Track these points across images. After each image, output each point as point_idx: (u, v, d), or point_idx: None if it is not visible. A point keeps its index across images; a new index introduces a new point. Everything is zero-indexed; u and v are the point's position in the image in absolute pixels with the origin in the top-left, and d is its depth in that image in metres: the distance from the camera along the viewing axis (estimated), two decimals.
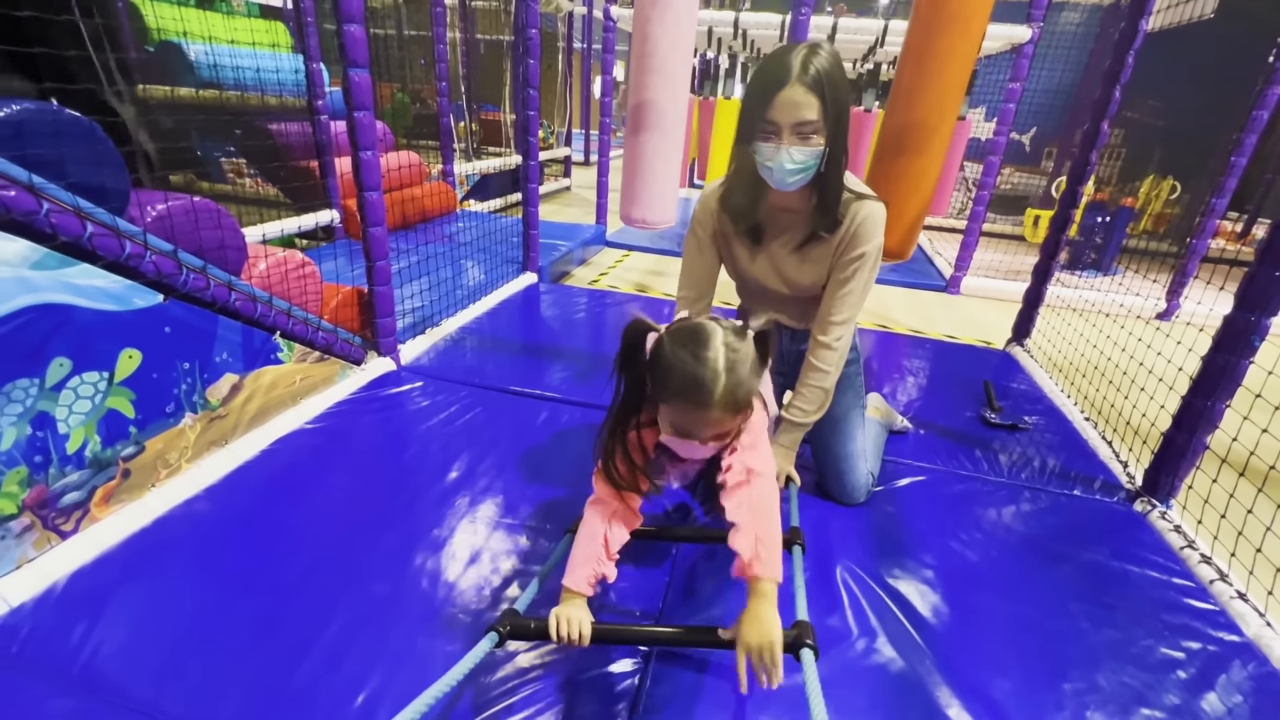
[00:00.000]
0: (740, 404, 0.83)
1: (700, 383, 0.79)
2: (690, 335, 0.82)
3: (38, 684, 0.91)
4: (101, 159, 1.18)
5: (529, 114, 2.64)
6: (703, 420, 0.84)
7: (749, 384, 0.83)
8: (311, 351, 1.67)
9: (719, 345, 0.81)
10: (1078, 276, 4.13)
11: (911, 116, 2.05)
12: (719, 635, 0.87)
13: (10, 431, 1.01)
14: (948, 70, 2.00)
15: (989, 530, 1.40)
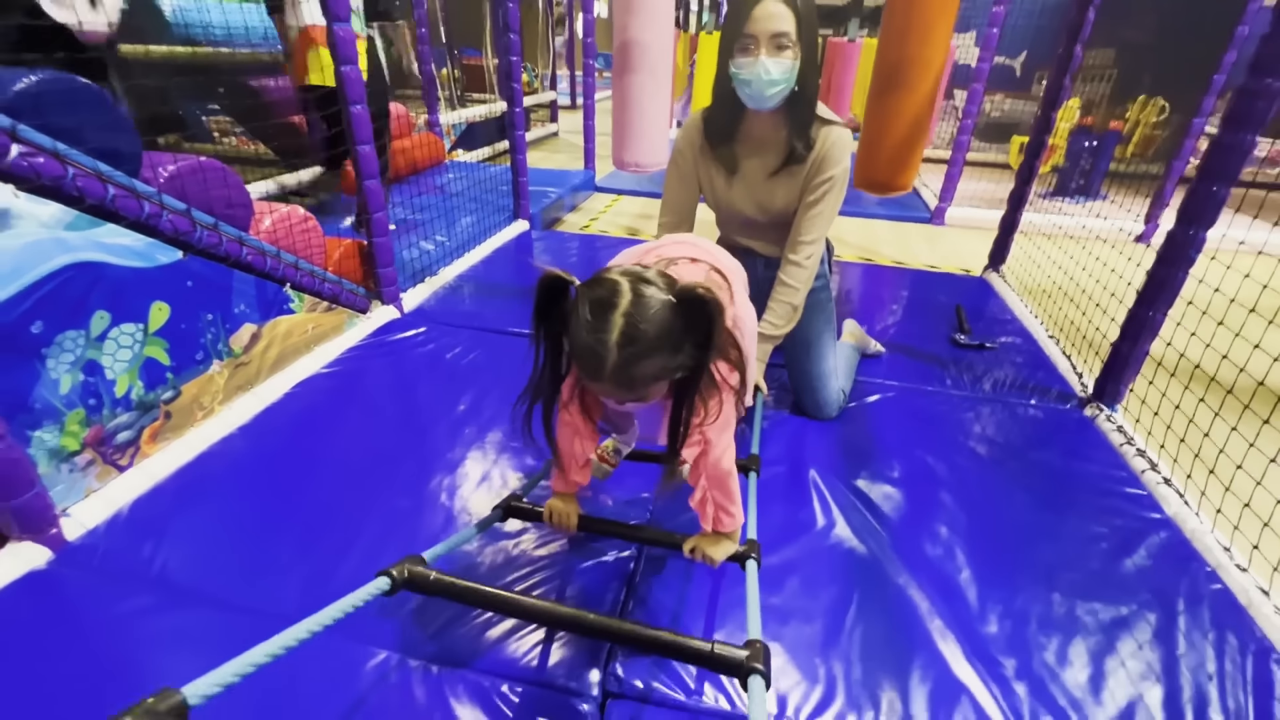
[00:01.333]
0: (636, 381, 0.71)
1: (591, 354, 0.70)
2: (597, 297, 0.70)
3: (119, 587, 1.06)
4: (114, 125, 1.26)
5: (511, 59, 2.65)
6: (598, 390, 0.79)
7: (655, 360, 0.70)
8: (321, 301, 1.78)
9: (618, 316, 0.68)
10: (1064, 202, 4.18)
11: (904, 52, 2.07)
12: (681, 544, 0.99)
13: (66, 377, 1.14)
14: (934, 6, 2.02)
15: (949, 437, 1.55)
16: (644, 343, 0.69)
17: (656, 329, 0.69)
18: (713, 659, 0.72)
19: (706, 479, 0.92)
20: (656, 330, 0.69)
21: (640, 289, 0.70)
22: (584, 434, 0.98)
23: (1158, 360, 1.57)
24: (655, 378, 0.73)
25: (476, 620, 1.00)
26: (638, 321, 0.68)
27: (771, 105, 1.24)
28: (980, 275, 2.66)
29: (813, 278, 1.37)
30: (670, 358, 0.72)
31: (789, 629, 1.02)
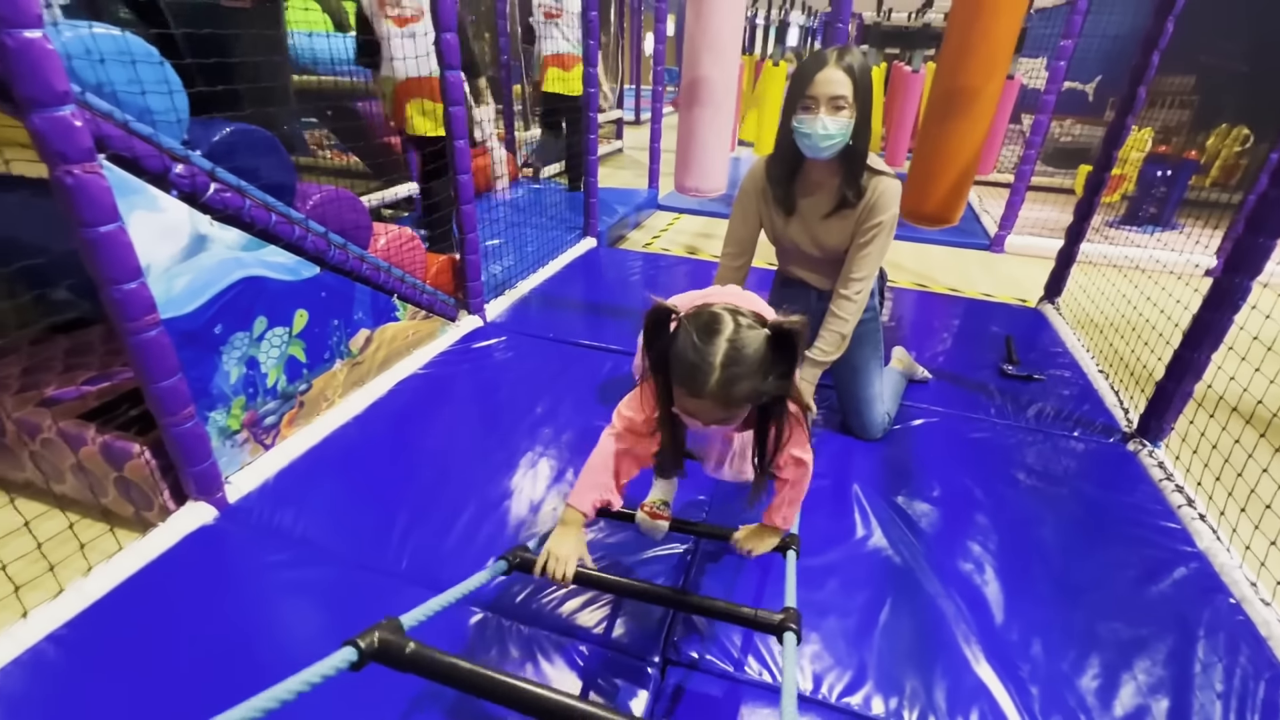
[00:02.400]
0: (733, 399, 0.80)
1: (697, 371, 0.79)
2: (703, 324, 0.80)
3: (266, 543, 1.31)
4: (281, 165, 1.53)
5: (590, 91, 2.88)
6: (694, 406, 0.84)
7: (749, 382, 0.79)
8: (420, 310, 2.02)
9: (723, 340, 0.78)
10: (1133, 232, 4.10)
11: (958, 82, 2.16)
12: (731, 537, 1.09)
13: (235, 370, 1.40)
14: (993, 36, 2.10)
15: (990, 463, 1.65)
16: (744, 364, 0.78)
17: (754, 353, 0.79)
18: (755, 620, 0.89)
19: (792, 487, 1.02)
20: (754, 354, 0.78)
21: (739, 319, 0.81)
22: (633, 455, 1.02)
23: (1199, 400, 1.63)
24: (747, 399, 0.82)
25: (557, 592, 1.19)
26: (739, 346, 0.78)
27: (827, 156, 1.39)
28: (1035, 307, 2.71)
29: (861, 310, 1.50)
30: (761, 382, 0.81)
31: (826, 622, 1.16)
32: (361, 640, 0.69)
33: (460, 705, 0.98)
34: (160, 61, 1.21)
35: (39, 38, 0.91)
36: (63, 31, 1.07)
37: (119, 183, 1.08)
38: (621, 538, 1.33)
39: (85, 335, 1.71)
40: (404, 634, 0.72)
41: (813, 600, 1.19)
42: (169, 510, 1.34)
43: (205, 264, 1.29)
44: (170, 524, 1.30)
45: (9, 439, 1.41)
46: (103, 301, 1.10)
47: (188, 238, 1.25)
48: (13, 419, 1.38)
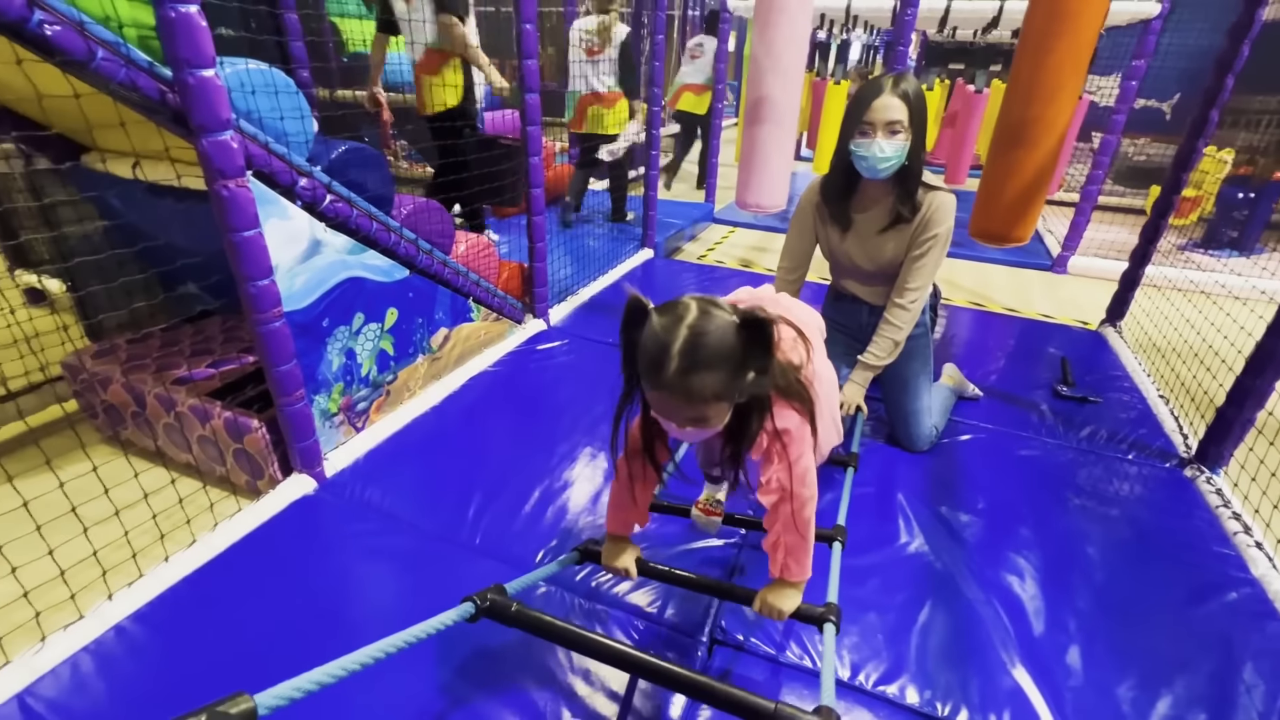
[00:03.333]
0: (694, 392, 0.74)
1: (654, 361, 0.74)
2: (665, 312, 0.76)
3: (355, 513, 1.47)
4: (383, 179, 1.72)
5: (653, 110, 3.02)
6: (658, 401, 0.80)
7: (714, 375, 0.74)
8: (491, 312, 2.19)
9: (684, 327, 0.73)
10: (1210, 256, 3.94)
11: (1029, 112, 2.18)
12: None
13: (337, 359, 1.58)
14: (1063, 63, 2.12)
15: (1038, 481, 1.67)
16: (705, 353, 0.73)
17: (718, 343, 0.73)
18: (798, 611, 0.97)
19: (782, 526, 0.94)
20: (718, 344, 0.73)
21: (706, 308, 0.76)
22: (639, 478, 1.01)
23: (1259, 428, 1.61)
24: (715, 394, 0.76)
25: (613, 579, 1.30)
26: (701, 333, 0.73)
27: (883, 176, 1.47)
28: (1096, 329, 2.67)
29: (915, 320, 1.56)
30: (730, 377, 0.76)
31: (867, 616, 1.23)
32: (478, 598, 0.84)
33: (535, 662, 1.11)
34: (295, 91, 1.41)
35: (211, 76, 1.10)
36: (225, 68, 1.27)
37: (260, 194, 1.27)
38: (676, 529, 1.43)
39: (207, 325, 1.94)
40: (509, 596, 0.88)
41: (854, 596, 1.27)
42: (276, 480, 1.53)
43: (319, 265, 1.48)
44: (278, 492, 1.48)
45: (148, 412, 1.63)
46: (240, 295, 1.29)
47: (307, 242, 1.44)
48: (152, 394, 1.59)
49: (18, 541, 1.11)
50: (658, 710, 1.05)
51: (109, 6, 1.11)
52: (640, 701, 1.06)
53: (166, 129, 1.17)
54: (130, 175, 1.54)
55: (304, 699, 0.57)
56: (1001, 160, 2.30)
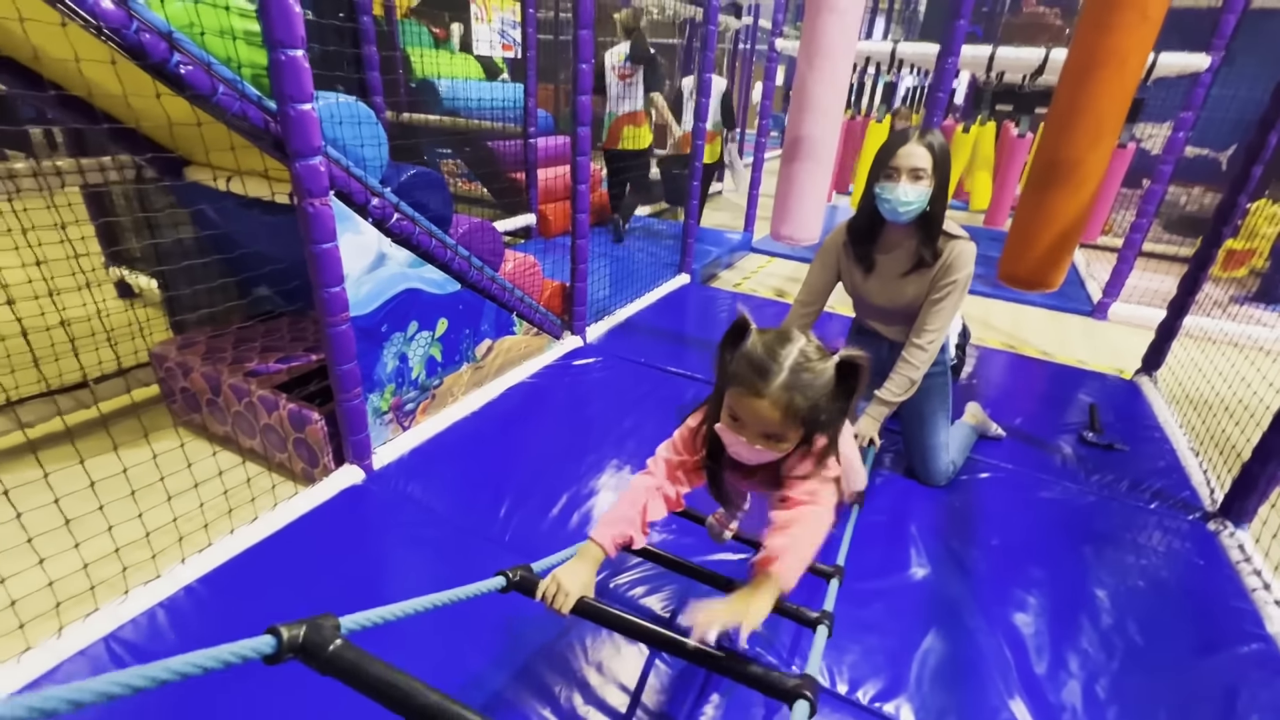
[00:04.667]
0: (792, 407, 0.80)
1: (762, 368, 0.80)
2: (776, 334, 0.84)
3: (398, 504, 1.60)
4: (444, 200, 1.89)
5: (697, 143, 3.15)
6: (753, 408, 0.82)
7: (812, 397, 0.80)
8: (532, 327, 2.33)
9: (795, 349, 0.81)
10: (1263, 310, 3.84)
11: (1060, 155, 2.22)
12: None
13: (391, 362, 1.73)
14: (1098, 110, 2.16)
15: (1054, 522, 1.69)
16: (810, 375, 0.80)
17: (820, 371, 0.81)
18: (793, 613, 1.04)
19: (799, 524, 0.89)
20: (820, 372, 0.81)
21: (812, 340, 0.85)
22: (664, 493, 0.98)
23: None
24: (802, 418, 0.82)
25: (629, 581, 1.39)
26: (809, 360, 0.81)
27: (905, 220, 1.54)
28: (1131, 379, 2.65)
29: (931, 360, 1.62)
30: (819, 405, 0.82)
31: (869, 637, 1.29)
32: (510, 572, 0.91)
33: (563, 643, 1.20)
34: (375, 122, 1.58)
35: (309, 109, 1.27)
36: (319, 101, 1.44)
37: (338, 211, 1.43)
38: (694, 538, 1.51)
39: (276, 324, 2.13)
40: (535, 574, 0.94)
41: (856, 616, 1.32)
42: (329, 470, 1.67)
43: (382, 276, 1.63)
44: (331, 480, 1.62)
45: (222, 399, 1.80)
46: (315, 299, 1.45)
47: (374, 255, 1.60)
48: (227, 384, 1.77)
49: (111, 504, 1.26)
50: (673, 685, 1.13)
51: (231, 49, 1.30)
52: (655, 676, 1.14)
53: (266, 153, 1.34)
54: (224, 189, 1.73)
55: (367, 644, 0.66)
56: (1034, 204, 2.33)
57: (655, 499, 0.98)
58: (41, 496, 1.17)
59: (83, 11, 0.99)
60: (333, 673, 0.54)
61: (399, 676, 0.54)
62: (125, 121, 1.49)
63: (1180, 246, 4.92)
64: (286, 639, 0.52)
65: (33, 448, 1.32)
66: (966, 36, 2.71)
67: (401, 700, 0.53)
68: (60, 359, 1.55)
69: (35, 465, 1.16)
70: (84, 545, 1.22)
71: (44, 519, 1.19)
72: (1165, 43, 3.09)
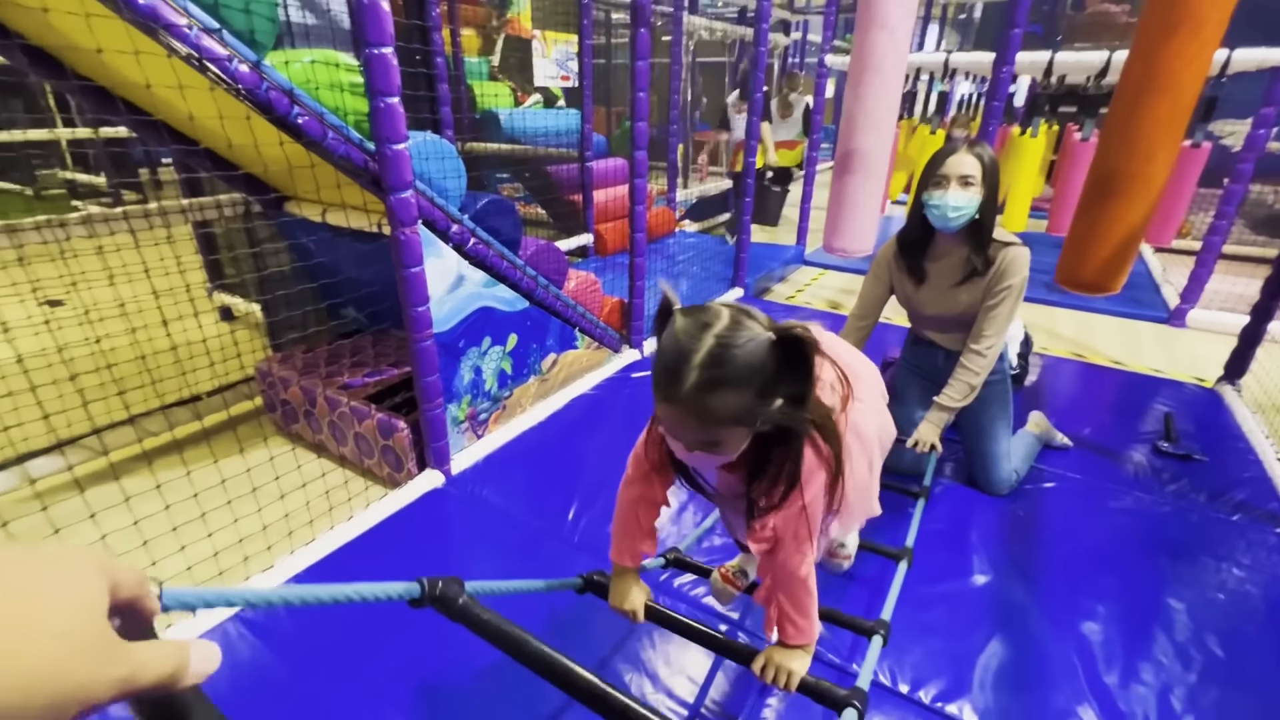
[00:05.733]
0: (709, 412, 0.65)
1: (672, 369, 0.65)
2: (695, 316, 0.67)
3: (473, 505, 1.72)
4: (515, 224, 2.04)
5: (749, 161, 3.23)
6: (667, 415, 0.69)
7: (736, 395, 0.64)
8: (593, 341, 2.44)
9: (710, 336, 0.64)
10: None
11: (1118, 166, 2.18)
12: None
13: (467, 375, 1.87)
14: (1159, 117, 2.12)
15: (1126, 532, 1.66)
16: (730, 368, 0.63)
17: (746, 359, 0.63)
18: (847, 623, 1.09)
19: (773, 580, 0.84)
20: (746, 360, 0.63)
21: (739, 318, 0.66)
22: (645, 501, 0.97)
23: None
24: (733, 418, 0.66)
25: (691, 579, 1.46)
26: (729, 345, 0.63)
27: (954, 228, 1.57)
28: (1212, 387, 2.53)
29: (990, 366, 1.62)
30: (755, 400, 0.66)
31: (931, 640, 1.31)
32: (587, 575, 1.04)
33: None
34: (456, 157, 1.74)
35: (403, 149, 1.42)
36: (409, 139, 1.61)
37: (424, 238, 1.58)
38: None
39: (360, 341, 2.32)
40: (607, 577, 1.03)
41: (918, 619, 1.34)
42: (413, 474, 1.82)
43: (460, 296, 1.78)
44: (415, 483, 1.76)
45: (317, 410, 1.99)
46: (404, 318, 1.60)
47: (454, 276, 1.75)
48: (323, 396, 1.95)
49: (237, 500, 1.44)
50: (737, 680, 1.19)
51: (339, 100, 1.48)
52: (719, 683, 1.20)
53: (365, 188, 1.51)
54: (319, 220, 1.93)
55: None
56: (1093, 210, 2.29)
57: (642, 506, 0.96)
58: (181, 492, 1.35)
59: (225, 77, 1.16)
60: (463, 620, 0.64)
61: (512, 628, 0.64)
62: (250, 167, 1.70)
63: (1267, 248, 4.62)
64: (428, 588, 0.63)
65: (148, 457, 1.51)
66: (1025, 37, 2.70)
67: (515, 647, 0.64)
68: (188, 373, 1.77)
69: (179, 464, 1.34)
70: (215, 535, 1.39)
71: (185, 510, 1.37)
72: (1242, 36, 2.98)
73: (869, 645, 1.03)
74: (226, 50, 1.15)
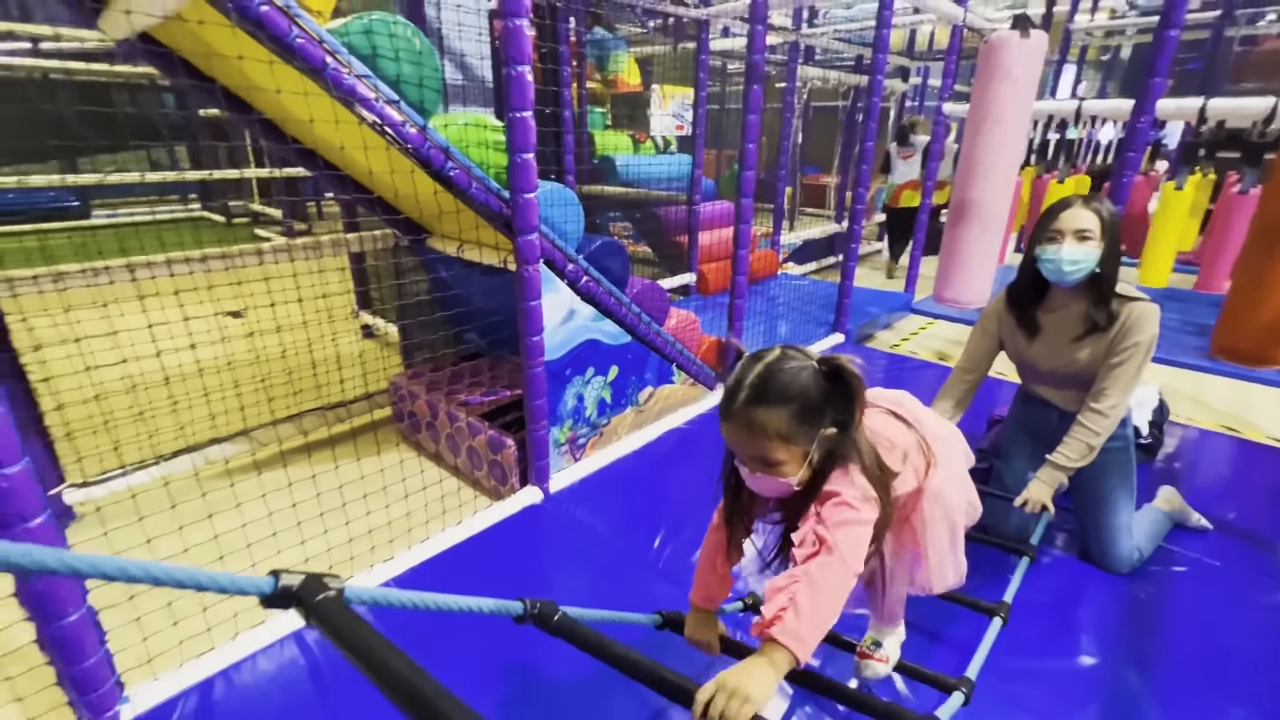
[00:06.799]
0: (757, 425, 0.76)
1: (728, 393, 0.79)
2: (755, 354, 0.82)
3: (568, 522, 1.84)
4: (623, 264, 2.20)
5: (857, 208, 3.24)
6: (726, 432, 0.82)
7: (781, 412, 0.75)
8: (689, 378, 2.53)
9: (763, 364, 0.78)
10: None
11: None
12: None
13: (571, 401, 2.02)
14: None
15: (1267, 627, 1.47)
16: (774, 386, 0.76)
17: (790, 379, 0.76)
18: (930, 678, 1.07)
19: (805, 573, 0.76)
20: (789, 380, 0.76)
21: (789, 352, 0.80)
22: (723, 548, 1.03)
23: None
24: (779, 433, 0.77)
25: None
26: (776, 370, 0.77)
27: (1071, 282, 1.50)
28: None
29: (1112, 427, 1.51)
30: (800, 418, 0.76)
31: (1019, 712, 1.24)
32: (668, 614, 1.10)
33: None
34: (576, 203, 1.93)
35: (533, 197, 1.61)
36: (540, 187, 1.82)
37: (544, 276, 1.76)
38: None
39: (478, 364, 2.56)
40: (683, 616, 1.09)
41: (1007, 690, 1.28)
42: (515, 489, 1.97)
43: (571, 328, 1.94)
44: (517, 497, 1.92)
45: (438, 422, 2.22)
46: (520, 346, 1.78)
47: (566, 310, 1.91)
48: (444, 411, 2.18)
49: (372, 495, 1.64)
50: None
51: (485, 155, 1.71)
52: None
53: (498, 230, 1.71)
54: (455, 254, 2.19)
55: None
56: (1257, 269, 2.09)
57: (721, 556, 1.03)
58: (322, 484, 1.57)
59: (399, 138, 1.40)
60: (560, 634, 0.75)
61: (604, 639, 0.73)
62: (408, 210, 1.99)
63: None
64: (529, 606, 0.74)
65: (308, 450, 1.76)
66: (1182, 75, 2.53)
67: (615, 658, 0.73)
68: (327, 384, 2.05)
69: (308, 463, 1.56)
70: (352, 523, 1.61)
71: (329, 500, 1.59)
72: None
73: (946, 702, 1.01)
74: (401, 117, 1.39)
